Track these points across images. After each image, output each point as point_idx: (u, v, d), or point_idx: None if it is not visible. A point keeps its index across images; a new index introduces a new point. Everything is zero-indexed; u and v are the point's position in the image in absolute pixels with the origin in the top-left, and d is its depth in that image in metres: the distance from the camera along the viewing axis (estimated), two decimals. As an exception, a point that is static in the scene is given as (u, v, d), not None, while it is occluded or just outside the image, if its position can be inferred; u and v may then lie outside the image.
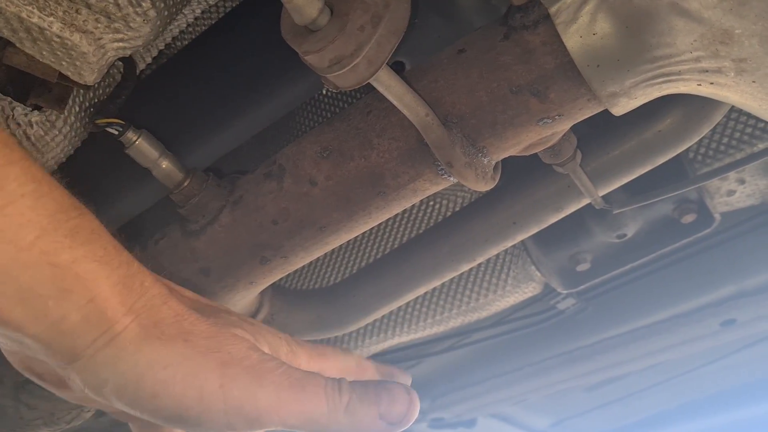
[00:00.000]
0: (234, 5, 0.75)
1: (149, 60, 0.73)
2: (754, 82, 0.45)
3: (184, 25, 0.74)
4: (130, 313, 0.47)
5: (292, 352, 0.58)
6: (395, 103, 0.52)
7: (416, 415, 0.53)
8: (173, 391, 0.46)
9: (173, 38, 0.75)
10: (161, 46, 0.73)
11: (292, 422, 0.49)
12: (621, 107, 0.51)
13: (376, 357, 1.21)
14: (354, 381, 0.52)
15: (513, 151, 0.58)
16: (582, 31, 0.46)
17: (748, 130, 0.86)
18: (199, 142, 0.70)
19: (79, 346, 0.45)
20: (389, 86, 0.51)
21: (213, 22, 0.75)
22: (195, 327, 0.49)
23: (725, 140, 0.87)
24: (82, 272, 0.45)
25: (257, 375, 0.48)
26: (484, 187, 0.59)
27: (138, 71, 0.72)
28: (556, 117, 0.53)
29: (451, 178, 0.58)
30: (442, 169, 0.57)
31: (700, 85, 0.47)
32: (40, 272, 0.43)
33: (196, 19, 0.74)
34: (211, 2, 0.73)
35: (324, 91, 0.93)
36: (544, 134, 0.56)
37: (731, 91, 0.47)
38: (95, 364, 0.46)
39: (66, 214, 0.45)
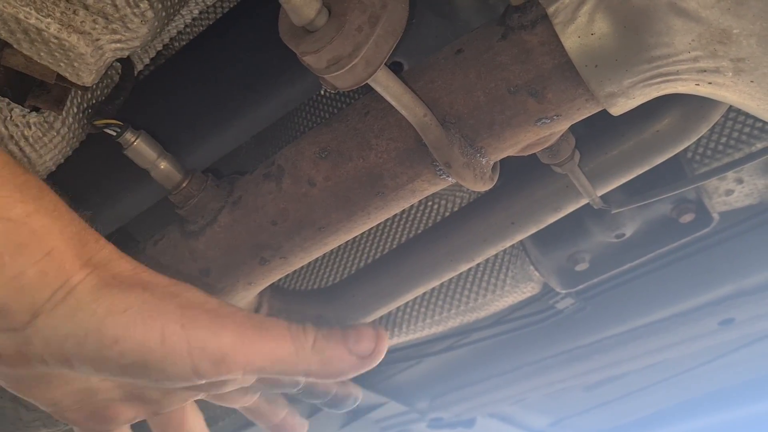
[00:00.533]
0: (232, 6, 0.75)
1: (147, 61, 0.73)
2: (752, 81, 0.45)
3: (182, 26, 0.74)
4: (87, 266, 0.46)
5: None
6: (393, 103, 0.52)
7: (385, 350, 0.52)
8: (134, 334, 0.45)
9: (171, 39, 0.75)
10: (159, 47, 0.73)
11: (260, 363, 0.48)
12: (619, 107, 0.51)
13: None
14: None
15: (511, 152, 0.58)
16: (580, 31, 0.46)
17: (747, 129, 0.86)
18: (198, 143, 0.70)
19: (38, 301, 0.44)
20: (387, 87, 0.51)
21: (211, 23, 0.75)
22: (153, 278, 0.49)
23: (723, 140, 0.87)
24: (36, 226, 0.44)
25: (218, 316, 0.48)
26: (483, 187, 0.59)
27: (136, 72, 0.72)
28: (554, 117, 0.53)
29: (450, 179, 0.58)
30: (440, 170, 0.57)
31: (698, 84, 0.47)
32: None
33: (194, 19, 0.74)
34: (208, 3, 0.73)
35: (322, 92, 0.93)
36: (542, 134, 0.56)
37: (729, 91, 0.47)
38: (55, 318, 0.45)
39: (12, 170, 0.45)
